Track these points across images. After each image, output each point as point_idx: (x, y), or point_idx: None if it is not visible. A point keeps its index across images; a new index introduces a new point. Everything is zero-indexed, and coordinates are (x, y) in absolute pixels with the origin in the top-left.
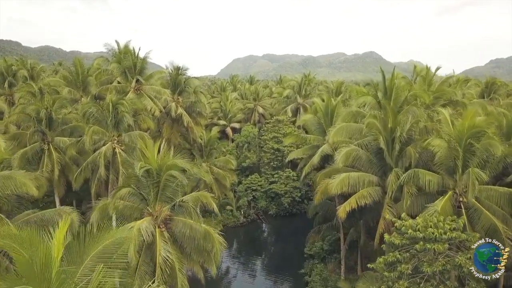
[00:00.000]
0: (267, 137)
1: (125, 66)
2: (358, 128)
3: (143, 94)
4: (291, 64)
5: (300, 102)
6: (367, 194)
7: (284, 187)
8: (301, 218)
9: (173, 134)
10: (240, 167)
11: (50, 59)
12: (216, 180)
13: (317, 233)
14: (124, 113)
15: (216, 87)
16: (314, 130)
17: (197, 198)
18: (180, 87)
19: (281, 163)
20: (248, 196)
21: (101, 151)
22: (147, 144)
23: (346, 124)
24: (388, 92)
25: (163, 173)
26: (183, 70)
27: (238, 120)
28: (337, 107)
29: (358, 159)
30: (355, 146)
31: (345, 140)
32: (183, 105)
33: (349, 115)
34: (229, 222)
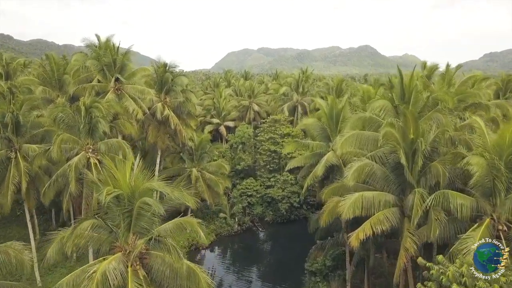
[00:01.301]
0: (263, 138)
1: (104, 63)
2: (370, 137)
3: (124, 94)
4: (286, 58)
5: (298, 100)
6: (384, 218)
7: (281, 192)
8: (299, 225)
9: (160, 137)
10: (234, 170)
11: (43, 53)
12: (208, 186)
13: (320, 250)
14: (98, 119)
15: (209, 83)
16: (317, 136)
17: (179, 226)
18: (167, 85)
19: (278, 166)
20: (243, 202)
21: (71, 163)
22: (117, 162)
23: (356, 132)
24: (406, 94)
25: (137, 200)
26: (170, 67)
27: (232, 118)
28: (343, 110)
29: (372, 175)
30: (368, 159)
31: (355, 152)
32: (170, 105)
33: (359, 121)
34: (222, 230)
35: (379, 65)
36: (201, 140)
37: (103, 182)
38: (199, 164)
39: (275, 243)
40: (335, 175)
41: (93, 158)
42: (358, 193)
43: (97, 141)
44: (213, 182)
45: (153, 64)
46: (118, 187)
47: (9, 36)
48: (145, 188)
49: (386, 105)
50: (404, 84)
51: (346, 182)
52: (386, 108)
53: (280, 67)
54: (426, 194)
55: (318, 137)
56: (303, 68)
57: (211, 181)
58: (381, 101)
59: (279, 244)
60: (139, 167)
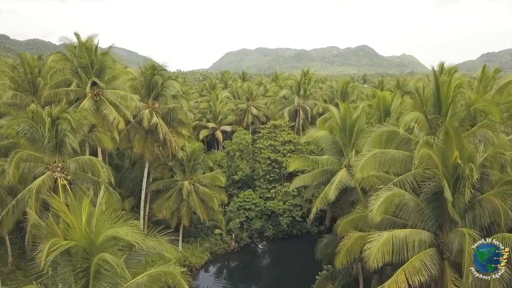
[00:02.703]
0: (263, 145)
1: (80, 65)
2: (397, 158)
3: (104, 101)
4: (284, 58)
5: (299, 103)
6: (421, 265)
7: (282, 205)
8: (302, 241)
9: (148, 148)
10: (231, 179)
11: (39, 53)
12: (202, 201)
13: (329, 279)
14: (65, 132)
15: (205, 84)
16: (328, 149)
17: (157, 279)
18: (156, 90)
19: (279, 176)
20: (241, 217)
21: (32, 186)
22: (70, 202)
23: (379, 151)
24: (443, 105)
25: (95, 254)
26: (159, 69)
27: (229, 122)
28: (358, 120)
29: (404, 206)
30: (395, 186)
31: (379, 175)
32: (159, 112)
33: (382, 136)
34: (218, 248)
35: (377, 65)
36: (194, 150)
37: (48, 228)
38: (192, 176)
39: (275, 261)
40: (349, 196)
41: (62, 179)
42: (387, 232)
43: (66, 158)
44: (207, 196)
45: (140, 66)
46: (70, 236)
47: (5, 36)
48: (108, 237)
49: (419, 118)
50: (441, 92)
51: (371, 216)
52: (419, 121)
53: (277, 67)
54: (477, 236)
55: (329, 151)
56: (304, 69)
57: (205, 195)
58: (413, 114)
59: (280, 262)
60: (105, 204)
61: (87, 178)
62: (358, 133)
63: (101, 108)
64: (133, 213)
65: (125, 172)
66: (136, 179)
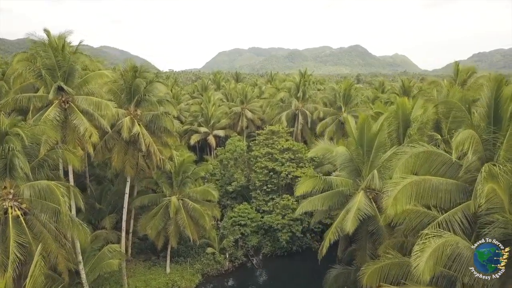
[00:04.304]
0: (259, 153)
1: (45, 66)
2: (442, 188)
3: (74, 109)
4: (277, 58)
5: (298, 107)
6: None
7: (281, 220)
8: (303, 258)
9: (128, 161)
10: (224, 188)
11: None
12: (192, 219)
13: None
14: (14, 152)
15: (197, 86)
16: (342, 168)
17: None
18: (139, 94)
19: (277, 186)
20: (235, 234)
21: None
22: None
23: (416, 179)
24: (503, 122)
25: None
26: (142, 70)
27: (222, 126)
28: (379, 134)
29: (457, 257)
30: (443, 230)
31: (417, 211)
32: (142, 120)
33: (417, 159)
34: (210, 269)
35: (369, 65)
36: (183, 161)
37: None
38: (181, 191)
39: (274, 281)
40: (367, 225)
41: (13, 209)
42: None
43: (19, 183)
44: (197, 213)
45: (120, 67)
46: None
47: None
48: None
49: (472, 137)
50: (501, 105)
51: (417, 274)
52: (472, 142)
53: (271, 66)
54: None
55: (344, 169)
56: (301, 69)
57: (196, 212)
58: (467, 133)
59: (279, 283)
60: None
61: (47, 207)
62: (378, 148)
63: (71, 117)
64: (116, 231)
65: (107, 185)
66: (119, 192)
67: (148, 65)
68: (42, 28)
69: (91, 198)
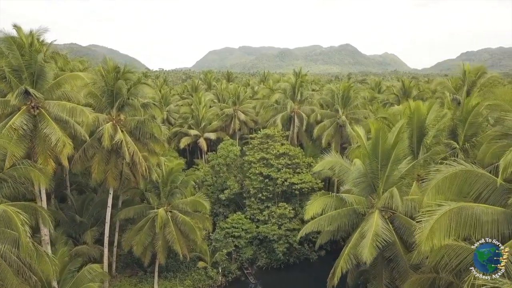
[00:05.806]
0: (254, 158)
1: (10, 67)
2: (486, 218)
3: (44, 116)
4: (268, 56)
5: (294, 109)
6: None
7: (277, 230)
8: (301, 270)
9: (111, 172)
10: (216, 195)
11: None
12: (181, 233)
13: None
14: None
15: (187, 86)
16: (352, 183)
17: None
18: (122, 98)
19: (273, 194)
20: (229, 247)
21: None
22: None
23: (455, 207)
24: None
25: None
26: (124, 71)
27: (214, 128)
28: (397, 147)
29: None
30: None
31: (456, 246)
32: (126, 126)
33: (453, 180)
34: (202, 285)
35: (359, 64)
36: (172, 170)
37: None
38: (169, 202)
39: None
40: (383, 251)
41: None
42: None
43: None
44: (187, 226)
45: (100, 68)
46: None
47: None
48: None
49: None
50: None
51: None
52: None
53: (261, 65)
54: None
55: (356, 184)
56: (295, 69)
57: (185, 226)
58: None
59: None
60: None
61: (4, 236)
62: (395, 162)
63: (40, 126)
64: (99, 246)
65: (89, 194)
66: (102, 202)
67: (137, 64)
68: (13, 24)
69: (71, 209)
